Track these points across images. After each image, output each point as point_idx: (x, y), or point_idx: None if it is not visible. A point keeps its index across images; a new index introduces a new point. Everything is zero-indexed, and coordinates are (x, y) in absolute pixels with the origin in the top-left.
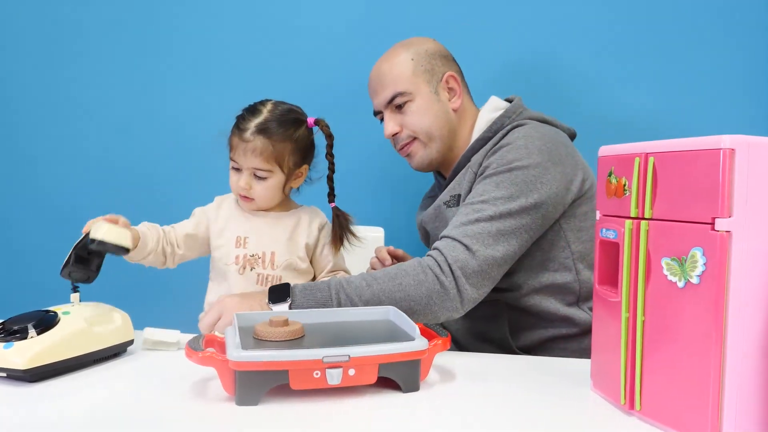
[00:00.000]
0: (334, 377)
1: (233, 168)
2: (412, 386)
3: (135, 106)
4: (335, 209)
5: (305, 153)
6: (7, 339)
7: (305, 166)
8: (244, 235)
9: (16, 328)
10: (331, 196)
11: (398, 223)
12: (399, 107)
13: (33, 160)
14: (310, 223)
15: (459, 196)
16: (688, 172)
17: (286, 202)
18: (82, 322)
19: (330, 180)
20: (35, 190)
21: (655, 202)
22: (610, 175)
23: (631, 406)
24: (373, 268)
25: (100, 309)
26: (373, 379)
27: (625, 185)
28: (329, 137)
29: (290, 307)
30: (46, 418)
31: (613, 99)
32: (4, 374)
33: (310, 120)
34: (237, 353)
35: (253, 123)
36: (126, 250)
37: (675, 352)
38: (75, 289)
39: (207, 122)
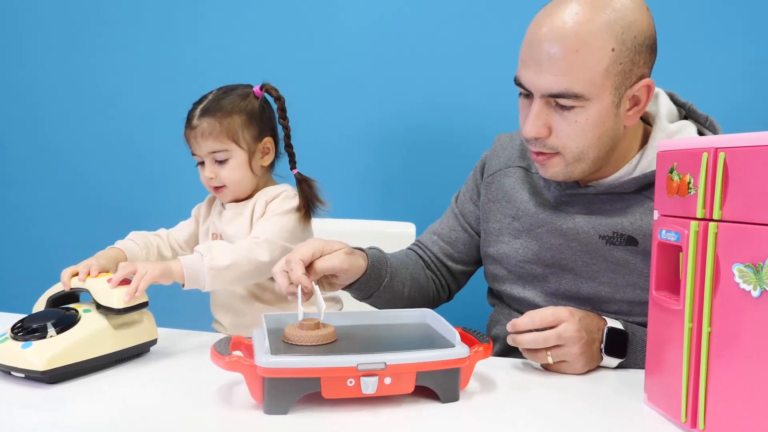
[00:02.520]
0: (369, 386)
1: (198, 164)
2: (452, 396)
3: (159, 98)
4: (297, 175)
5: (261, 124)
6: (25, 338)
7: (268, 139)
8: (219, 232)
9: (35, 326)
10: (292, 162)
11: (430, 219)
12: (561, 106)
13: (57, 153)
14: (262, 201)
15: (630, 237)
16: (765, 169)
17: (265, 186)
18: (103, 320)
19: (288, 146)
20: (58, 183)
21: (725, 202)
22: (671, 172)
23: (694, 424)
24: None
25: None
26: (411, 389)
27: (689, 183)
28: (278, 100)
29: (619, 364)
30: (65, 422)
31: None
32: (22, 375)
33: (256, 88)
34: (266, 359)
35: (198, 108)
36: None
37: (746, 368)
38: None
39: None
